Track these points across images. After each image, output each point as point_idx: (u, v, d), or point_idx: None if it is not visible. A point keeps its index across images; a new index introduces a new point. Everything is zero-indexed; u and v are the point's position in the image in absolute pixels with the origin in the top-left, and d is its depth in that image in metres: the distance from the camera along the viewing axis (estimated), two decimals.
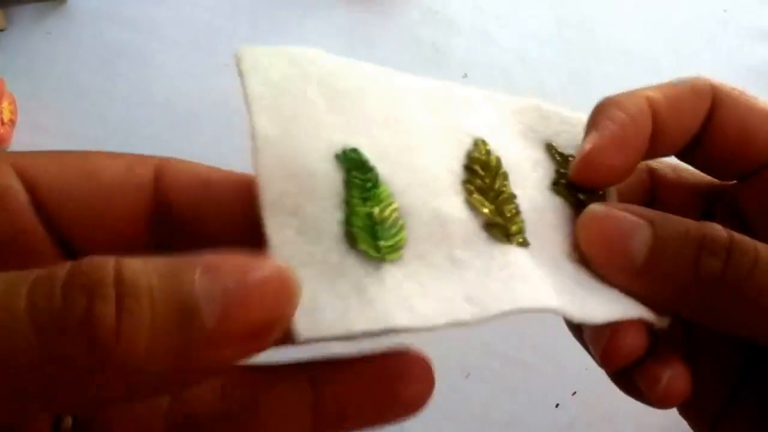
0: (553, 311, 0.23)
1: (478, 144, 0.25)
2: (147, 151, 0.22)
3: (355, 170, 0.22)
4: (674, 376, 0.25)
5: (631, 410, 0.52)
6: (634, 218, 0.24)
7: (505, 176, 0.25)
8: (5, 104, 0.55)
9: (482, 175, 0.25)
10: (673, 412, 0.57)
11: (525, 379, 0.53)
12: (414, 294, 0.21)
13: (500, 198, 0.25)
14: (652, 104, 0.26)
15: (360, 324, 0.19)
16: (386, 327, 0.20)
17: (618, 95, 0.26)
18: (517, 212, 0.25)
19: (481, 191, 0.24)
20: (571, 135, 0.28)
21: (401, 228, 0.22)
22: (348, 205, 0.22)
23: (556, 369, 0.53)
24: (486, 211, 0.24)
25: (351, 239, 0.21)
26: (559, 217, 0.26)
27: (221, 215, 0.22)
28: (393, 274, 0.21)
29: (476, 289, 0.22)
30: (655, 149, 0.26)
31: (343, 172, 0.22)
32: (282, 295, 0.17)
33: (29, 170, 0.20)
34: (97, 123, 0.58)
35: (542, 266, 0.24)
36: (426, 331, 0.20)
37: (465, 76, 0.63)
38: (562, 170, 0.27)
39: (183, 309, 0.16)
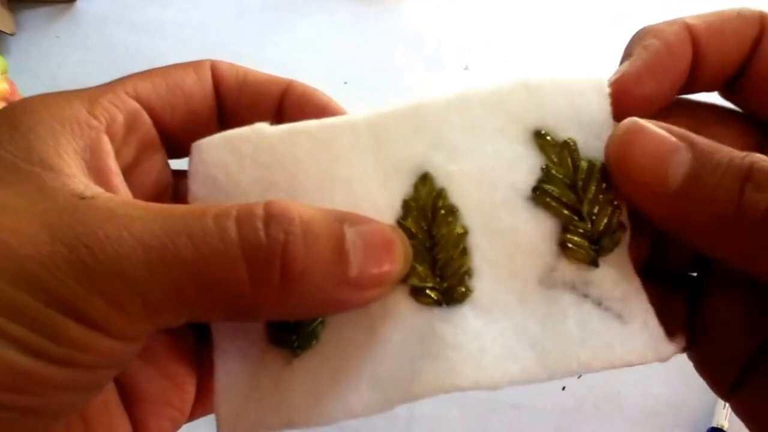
0: (461, 389, 0.23)
1: (417, 186, 0.24)
2: None
3: None
4: None
5: (637, 392, 0.54)
6: (674, 139, 0.22)
7: (450, 212, 0.24)
8: None
9: (413, 232, 0.23)
10: (679, 393, 0.58)
11: None
12: (321, 385, 0.23)
13: (436, 249, 0.23)
14: (691, 31, 0.24)
15: (270, 424, 0.23)
16: (289, 425, 0.23)
17: (656, 24, 0.25)
18: (464, 253, 0.23)
19: (411, 251, 0.23)
20: (573, 108, 0.24)
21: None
22: None
23: None
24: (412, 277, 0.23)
25: (270, 334, 0.24)
26: (533, 234, 0.24)
27: (254, 106, 0.27)
28: (307, 366, 0.23)
29: (385, 372, 0.23)
30: (696, 82, 0.24)
31: None
32: (398, 256, 0.22)
33: (140, 94, 0.25)
34: None
35: (493, 311, 0.23)
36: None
37: (466, 68, 0.64)
38: (552, 171, 0.24)
39: (340, 254, 0.21)
